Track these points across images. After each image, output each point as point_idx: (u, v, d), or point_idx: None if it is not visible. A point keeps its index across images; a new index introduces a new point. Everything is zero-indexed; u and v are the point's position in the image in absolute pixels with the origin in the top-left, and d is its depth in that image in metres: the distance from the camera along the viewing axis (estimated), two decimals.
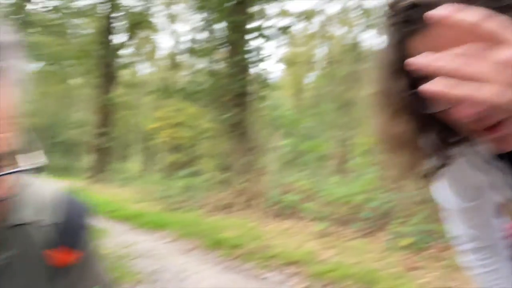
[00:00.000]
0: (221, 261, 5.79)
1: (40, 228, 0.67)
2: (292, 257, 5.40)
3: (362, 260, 5.04)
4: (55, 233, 0.68)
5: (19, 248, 0.64)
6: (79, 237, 0.71)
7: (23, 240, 0.65)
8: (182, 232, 7.72)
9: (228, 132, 11.50)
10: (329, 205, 7.37)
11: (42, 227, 0.67)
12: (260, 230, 7.24)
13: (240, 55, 10.66)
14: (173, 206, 11.52)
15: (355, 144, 13.67)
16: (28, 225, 0.66)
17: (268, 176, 10.14)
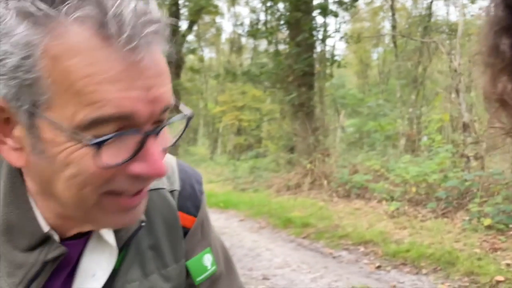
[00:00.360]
0: (291, 240, 5.87)
1: (168, 194, 0.72)
2: (364, 237, 5.33)
3: (439, 241, 4.85)
4: (177, 199, 0.73)
5: (157, 210, 0.70)
6: (196, 203, 0.75)
7: (160, 203, 0.70)
8: (251, 212, 7.91)
9: (293, 113, 11.47)
10: (401, 185, 7.14)
11: (170, 192, 0.72)
12: (329, 210, 7.22)
13: (304, 33, 10.49)
14: (241, 187, 11.81)
15: (426, 122, 13.01)
16: (161, 190, 0.71)
17: (335, 156, 10.02)
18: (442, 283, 3.89)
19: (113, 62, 0.45)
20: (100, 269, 0.63)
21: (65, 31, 0.44)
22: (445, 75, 13.48)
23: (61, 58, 0.44)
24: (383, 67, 23.54)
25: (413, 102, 14.04)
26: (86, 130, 0.46)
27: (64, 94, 0.45)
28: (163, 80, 0.50)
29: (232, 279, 0.81)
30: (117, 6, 0.44)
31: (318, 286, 3.92)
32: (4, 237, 0.57)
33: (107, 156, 0.48)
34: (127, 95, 0.46)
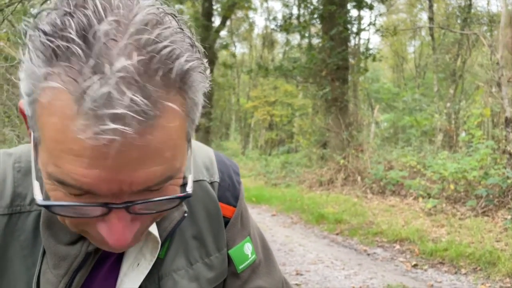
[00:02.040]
0: (324, 236, 5.82)
1: (208, 185, 0.73)
2: (399, 235, 5.22)
3: (479, 240, 4.68)
4: (217, 190, 0.74)
5: (199, 201, 0.72)
6: (235, 193, 0.77)
7: (201, 194, 0.72)
8: (283, 207, 7.90)
9: (326, 108, 11.34)
10: (438, 182, 6.93)
11: (210, 184, 0.74)
12: (363, 206, 7.10)
13: (338, 27, 10.32)
14: (273, 182, 11.82)
15: (465, 117, 12.55)
16: (202, 182, 0.73)
17: (369, 152, 9.84)
18: (483, 284, 3.75)
19: (81, 138, 0.43)
20: (144, 259, 0.65)
21: (50, 90, 0.44)
22: (486, 68, 12.93)
23: (44, 111, 0.45)
24: (420, 60, 22.88)
25: (451, 97, 13.57)
26: (55, 182, 0.48)
27: (42, 143, 0.47)
28: (147, 162, 0.46)
29: (271, 266, 0.81)
30: (88, 86, 0.42)
31: (352, 283, 3.87)
32: (48, 231, 0.59)
33: (65, 211, 0.49)
34: (87, 173, 0.45)
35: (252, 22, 30.16)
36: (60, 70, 0.43)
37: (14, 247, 0.60)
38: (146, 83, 0.44)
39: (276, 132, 24.83)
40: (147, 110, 0.44)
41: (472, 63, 16.40)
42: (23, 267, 0.60)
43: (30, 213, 0.61)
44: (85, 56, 0.42)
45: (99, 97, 0.41)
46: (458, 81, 14.39)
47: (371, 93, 19.99)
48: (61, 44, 0.43)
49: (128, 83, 0.43)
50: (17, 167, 0.63)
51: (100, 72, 0.42)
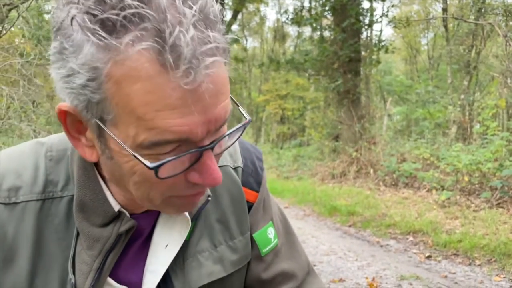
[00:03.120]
0: (337, 228, 5.83)
1: (232, 171, 0.76)
2: (412, 227, 5.20)
3: (494, 232, 4.64)
4: (241, 175, 0.77)
5: (223, 186, 0.74)
6: (258, 179, 0.79)
7: (225, 179, 0.74)
8: (295, 199, 7.93)
9: (338, 101, 11.29)
10: (452, 174, 6.88)
11: (233, 169, 0.76)
12: (375, 198, 7.09)
13: (350, 18, 10.24)
14: (285, 175, 11.84)
15: (479, 109, 12.38)
16: (226, 167, 0.75)
17: (381, 144, 9.79)
18: (497, 275, 3.73)
19: (171, 91, 0.46)
20: (173, 240, 0.68)
21: (126, 59, 0.46)
22: (501, 58, 12.71)
23: (122, 83, 0.47)
24: (433, 52, 22.57)
25: (465, 88, 13.37)
26: (146, 149, 0.50)
27: (126, 116, 0.49)
28: (221, 98, 0.51)
29: (294, 251, 0.83)
30: (175, 37, 0.45)
31: (365, 274, 3.88)
32: (81, 214, 0.63)
33: (166, 170, 0.52)
34: (184, 121, 0.48)
35: (264, 16, 30.05)
36: (135, 35, 0.45)
37: (49, 230, 0.64)
38: (211, 21, 0.49)
39: (288, 125, 24.79)
40: (225, 47, 0.51)
41: (487, 54, 16.11)
42: (58, 249, 0.64)
43: (62, 198, 0.64)
44: (157, 14, 0.45)
45: (189, 42, 0.45)
46: (473, 73, 14.16)
47: (384, 85, 19.80)
48: (127, 14, 0.45)
49: (204, 23, 0.48)
50: (49, 156, 0.67)
51: (177, 22, 0.46)
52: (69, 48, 0.48)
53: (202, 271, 0.69)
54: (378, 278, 3.75)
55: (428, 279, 3.69)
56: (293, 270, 0.80)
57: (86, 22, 0.46)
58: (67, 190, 0.65)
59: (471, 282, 3.61)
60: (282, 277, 0.78)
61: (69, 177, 0.65)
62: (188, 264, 0.69)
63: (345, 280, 3.74)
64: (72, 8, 0.47)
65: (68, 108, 0.53)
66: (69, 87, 0.50)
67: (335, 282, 3.70)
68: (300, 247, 0.85)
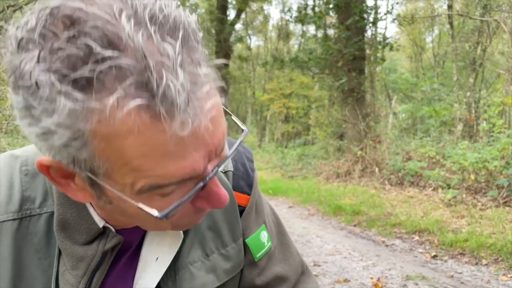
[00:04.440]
0: (342, 227, 5.80)
1: (222, 175, 0.73)
2: (418, 226, 5.16)
3: (500, 231, 4.59)
4: (231, 179, 0.74)
5: None
6: (249, 181, 0.76)
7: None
8: (300, 199, 7.90)
9: (342, 99, 11.24)
10: (458, 172, 6.82)
11: (223, 173, 0.73)
12: (381, 197, 7.05)
13: (354, 16, 10.18)
14: (290, 174, 11.81)
15: (485, 106, 12.28)
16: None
17: (386, 143, 9.74)
18: (504, 275, 3.69)
19: (168, 141, 0.42)
20: (163, 253, 0.65)
21: (112, 118, 0.41)
22: (507, 55, 12.60)
23: (112, 139, 0.42)
24: (438, 49, 22.43)
25: (471, 86, 13.27)
26: (147, 192, 0.47)
27: (121, 169, 0.45)
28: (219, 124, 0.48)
29: (287, 252, 0.81)
30: (164, 86, 0.40)
31: (371, 274, 3.85)
32: (63, 233, 0.59)
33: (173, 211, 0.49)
34: (185, 163, 0.45)
35: (267, 14, 30.03)
36: (119, 94, 0.40)
37: (28, 250, 0.60)
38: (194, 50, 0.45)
39: (292, 124, 24.76)
40: (217, 81, 0.47)
41: (493, 51, 15.98)
42: (39, 270, 0.60)
43: (41, 215, 0.60)
44: (136, 62, 0.40)
45: (181, 88, 0.40)
46: (478, 70, 14.05)
47: (389, 83, 19.71)
48: (103, 68, 0.39)
49: (190, 59, 0.43)
50: (24, 170, 0.62)
51: (161, 66, 0.40)
52: (37, 107, 0.41)
53: (195, 283, 0.67)
54: (384, 278, 3.72)
55: (434, 279, 3.66)
56: (287, 274, 0.78)
57: (55, 84, 0.39)
58: (45, 207, 0.61)
59: (478, 282, 3.57)
60: (276, 281, 0.76)
61: (47, 192, 0.61)
62: (180, 276, 0.66)
63: (350, 280, 3.71)
64: (31, 62, 0.40)
65: (50, 162, 0.48)
66: (48, 145, 0.44)
67: (340, 282, 3.67)
68: (293, 248, 0.83)
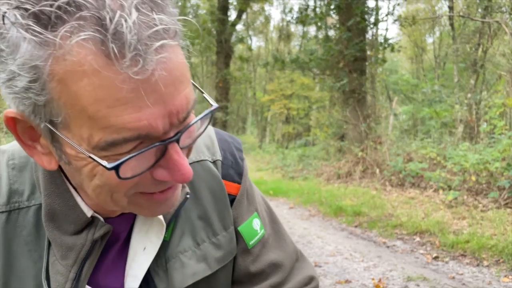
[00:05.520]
0: (343, 228, 5.80)
1: (211, 164, 0.73)
2: (419, 227, 5.16)
3: (502, 232, 4.59)
4: (220, 168, 0.74)
5: (202, 181, 0.71)
6: (238, 170, 0.76)
7: (204, 174, 0.71)
8: (301, 199, 7.89)
9: (343, 100, 11.24)
10: (459, 173, 6.81)
11: (212, 163, 0.73)
12: (381, 199, 7.04)
13: (355, 17, 10.19)
14: (290, 175, 11.80)
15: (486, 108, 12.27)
16: (204, 162, 0.72)
17: (387, 144, 9.73)
18: (505, 276, 3.68)
19: (121, 83, 0.42)
20: (151, 242, 0.65)
21: (67, 54, 0.42)
22: (508, 57, 12.60)
23: (67, 81, 0.43)
24: (439, 50, 22.44)
25: (472, 87, 13.27)
26: (104, 150, 0.46)
27: (77, 116, 0.44)
28: (180, 87, 0.47)
29: (281, 240, 0.80)
30: (116, 23, 0.41)
31: (372, 275, 3.85)
32: (51, 223, 0.59)
33: (128, 169, 0.48)
34: (141, 115, 0.44)
35: (268, 15, 30.03)
36: (72, 26, 0.41)
37: (18, 243, 0.61)
38: (156, 3, 0.45)
39: (293, 125, 24.77)
40: (173, 28, 0.46)
41: (494, 52, 15.98)
42: (30, 262, 0.61)
43: (29, 208, 0.61)
44: (95, 1, 0.41)
45: (132, 27, 0.41)
46: (479, 71, 14.05)
47: (389, 84, 19.71)
48: (62, 3, 0.41)
49: (148, 6, 0.44)
50: (11, 164, 0.63)
51: (118, 7, 0.42)
52: (5, 49, 0.43)
53: (186, 271, 0.66)
54: (385, 279, 3.71)
55: (435, 280, 3.65)
56: (282, 260, 0.77)
57: (18, 18, 0.41)
58: (33, 199, 0.61)
59: (479, 283, 3.56)
60: (271, 268, 0.76)
61: (35, 185, 0.62)
62: (171, 265, 0.66)
63: (351, 281, 3.70)
64: (3, 5, 0.42)
65: (15, 114, 0.48)
66: (12, 92, 0.45)
67: (341, 283, 3.67)
68: (287, 236, 0.82)
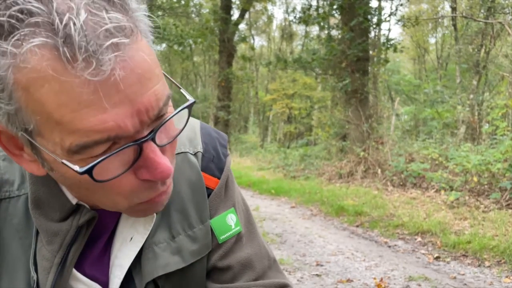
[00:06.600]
0: (344, 228, 5.81)
1: (191, 156, 0.72)
2: (421, 227, 5.16)
3: (503, 233, 4.60)
4: (200, 160, 0.73)
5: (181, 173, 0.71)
6: (219, 165, 0.75)
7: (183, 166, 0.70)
8: (302, 199, 7.90)
9: (345, 100, 11.24)
10: (461, 174, 6.82)
11: (192, 155, 0.72)
12: (383, 199, 7.05)
13: (358, 17, 10.19)
14: (292, 174, 11.80)
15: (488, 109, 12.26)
16: (184, 154, 0.72)
17: (389, 144, 9.73)
18: (507, 277, 3.69)
19: (80, 87, 0.42)
20: (137, 233, 0.66)
21: (23, 62, 0.42)
22: (511, 58, 12.58)
23: (30, 89, 0.43)
24: (442, 51, 22.41)
25: (474, 88, 13.25)
26: (77, 154, 0.46)
27: (46, 123, 0.45)
28: (147, 84, 0.46)
29: (253, 239, 0.78)
30: (64, 26, 0.41)
31: (373, 274, 3.86)
32: (38, 211, 0.60)
33: (104, 172, 0.48)
34: (106, 117, 0.44)
35: (271, 15, 30.01)
36: (24, 33, 0.41)
37: (9, 231, 0.62)
38: (110, 2, 0.44)
39: (294, 125, 24.76)
40: (128, 25, 0.45)
41: (496, 53, 15.96)
42: (20, 249, 0.62)
43: (20, 197, 0.63)
44: (44, 6, 0.41)
45: (81, 29, 0.41)
46: (482, 72, 14.04)
47: (392, 85, 19.71)
48: (13, 12, 0.41)
49: (98, 5, 0.43)
50: (2, 156, 0.65)
51: (67, 9, 0.42)
52: None
53: (157, 263, 0.66)
54: (386, 279, 3.72)
55: (436, 280, 3.66)
56: (252, 261, 0.75)
57: None
58: (23, 189, 0.63)
59: (481, 284, 3.57)
60: (239, 267, 0.74)
61: (24, 175, 0.63)
62: (144, 256, 0.66)
63: (352, 281, 3.71)
64: None
65: None
66: None
67: (342, 282, 3.68)
68: (260, 239, 0.80)
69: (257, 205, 7.38)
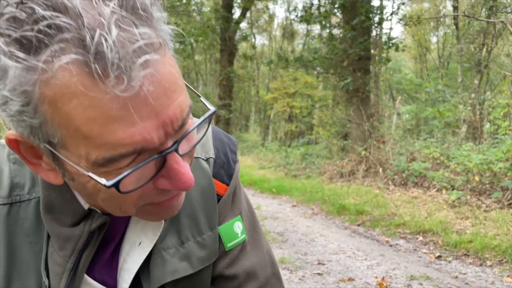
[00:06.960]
0: (346, 227, 5.81)
1: (203, 162, 0.72)
2: (422, 226, 5.17)
3: (505, 232, 4.60)
4: (212, 166, 0.73)
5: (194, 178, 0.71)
6: (229, 171, 0.75)
7: (196, 172, 0.69)
8: (304, 198, 7.91)
9: (347, 99, 11.24)
10: (462, 173, 6.82)
11: (205, 160, 0.72)
12: (384, 198, 7.05)
13: (360, 16, 10.17)
14: (293, 173, 11.80)
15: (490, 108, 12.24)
16: (196, 159, 0.71)
17: (390, 143, 9.73)
18: (508, 276, 3.70)
19: (110, 102, 0.42)
20: (146, 237, 0.66)
21: (53, 78, 0.42)
22: None
23: (58, 103, 0.43)
24: (443, 50, 22.38)
25: (476, 87, 13.24)
26: (103, 166, 0.47)
27: (73, 136, 0.45)
28: (172, 96, 0.47)
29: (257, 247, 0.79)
30: (97, 43, 0.41)
31: (375, 273, 3.86)
32: (49, 215, 0.60)
33: (129, 183, 0.49)
34: (134, 131, 0.45)
35: (272, 13, 29.98)
36: (54, 50, 0.41)
37: (19, 235, 0.62)
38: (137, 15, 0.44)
39: (295, 124, 24.75)
40: (157, 41, 0.45)
41: (498, 53, 15.93)
42: (31, 254, 0.62)
43: (30, 201, 0.62)
44: (73, 21, 0.41)
45: (113, 45, 0.41)
46: (484, 71, 14.01)
47: (393, 84, 19.69)
48: (41, 27, 0.41)
49: (129, 20, 0.43)
50: (12, 159, 0.64)
51: (97, 25, 0.41)
52: None
53: (166, 269, 0.66)
54: (388, 278, 3.73)
55: (438, 279, 3.66)
56: (255, 270, 0.75)
57: (2, 46, 0.41)
58: (34, 192, 0.62)
59: (482, 283, 3.57)
60: (244, 275, 0.74)
61: (35, 179, 0.63)
62: (152, 261, 0.66)
63: (354, 279, 3.72)
64: None
65: (15, 136, 0.49)
66: (9, 115, 0.46)
67: (344, 281, 3.69)
68: (265, 246, 0.80)
69: (259, 204, 7.39)
